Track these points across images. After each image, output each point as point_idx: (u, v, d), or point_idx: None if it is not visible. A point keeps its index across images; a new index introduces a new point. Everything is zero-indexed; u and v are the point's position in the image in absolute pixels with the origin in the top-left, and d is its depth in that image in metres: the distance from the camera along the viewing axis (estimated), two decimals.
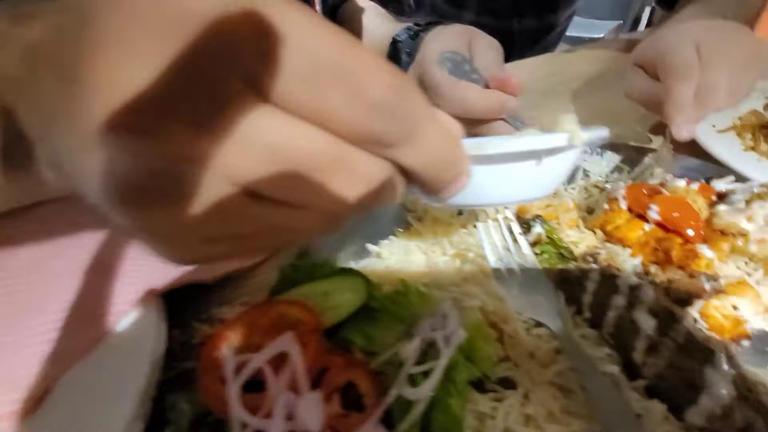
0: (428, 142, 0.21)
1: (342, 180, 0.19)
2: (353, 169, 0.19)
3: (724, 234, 0.43)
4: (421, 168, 0.22)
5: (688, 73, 0.57)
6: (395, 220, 0.56)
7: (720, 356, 0.31)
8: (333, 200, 0.20)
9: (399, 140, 0.20)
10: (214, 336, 0.37)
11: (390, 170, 0.21)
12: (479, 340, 0.37)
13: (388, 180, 0.21)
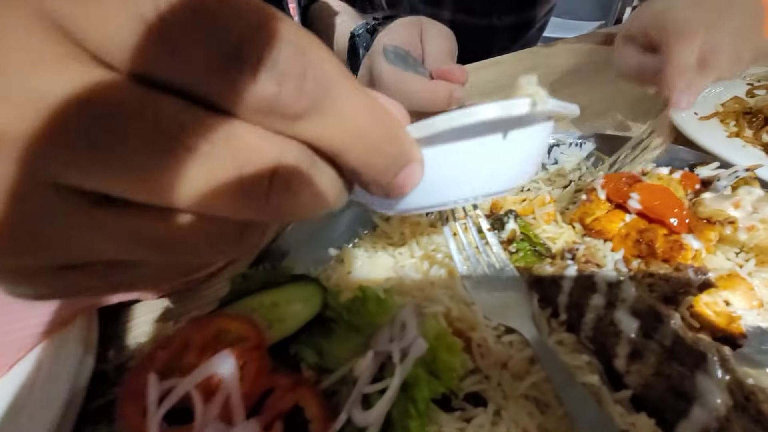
0: (346, 111, 0.17)
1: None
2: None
3: (711, 223, 0.40)
4: (347, 147, 0.17)
5: (691, 31, 0.51)
6: (360, 222, 0.51)
7: (712, 360, 0.27)
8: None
9: (303, 108, 0.15)
10: (140, 358, 0.33)
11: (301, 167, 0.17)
12: (443, 351, 0.32)
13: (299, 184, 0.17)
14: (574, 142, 0.62)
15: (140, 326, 0.43)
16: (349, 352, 0.36)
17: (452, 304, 0.35)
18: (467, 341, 0.34)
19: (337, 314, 0.38)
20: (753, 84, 0.79)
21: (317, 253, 0.48)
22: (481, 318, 0.35)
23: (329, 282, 0.43)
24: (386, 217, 0.52)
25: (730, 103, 0.73)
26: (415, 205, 0.25)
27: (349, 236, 0.50)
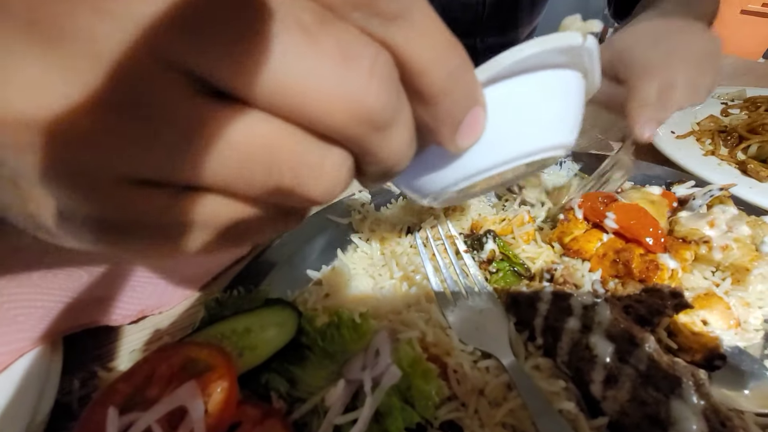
0: (431, 29, 0.16)
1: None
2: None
3: (686, 242, 0.40)
4: (429, 67, 0.16)
5: (649, 71, 0.55)
6: (339, 243, 0.51)
7: (687, 385, 0.27)
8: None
9: (397, 10, 0.15)
10: (100, 392, 0.31)
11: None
12: (418, 378, 0.31)
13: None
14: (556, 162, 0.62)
15: (108, 354, 0.41)
16: (322, 380, 0.35)
17: (428, 329, 0.35)
18: (443, 367, 0.33)
19: (311, 340, 0.37)
20: (727, 103, 0.81)
21: (295, 276, 0.47)
22: (457, 342, 0.34)
23: (306, 306, 0.42)
24: (366, 238, 0.51)
25: (705, 122, 0.75)
26: (468, 171, 0.24)
27: (328, 258, 0.50)
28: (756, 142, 0.65)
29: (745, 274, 0.39)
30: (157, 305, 0.45)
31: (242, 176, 0.15)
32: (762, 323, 0.38)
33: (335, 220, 0.53)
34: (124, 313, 0.43)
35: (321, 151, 0.16)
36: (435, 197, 0.27)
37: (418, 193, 0.27)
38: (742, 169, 0.60)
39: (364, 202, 0.56)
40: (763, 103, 0.76)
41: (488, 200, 0.56)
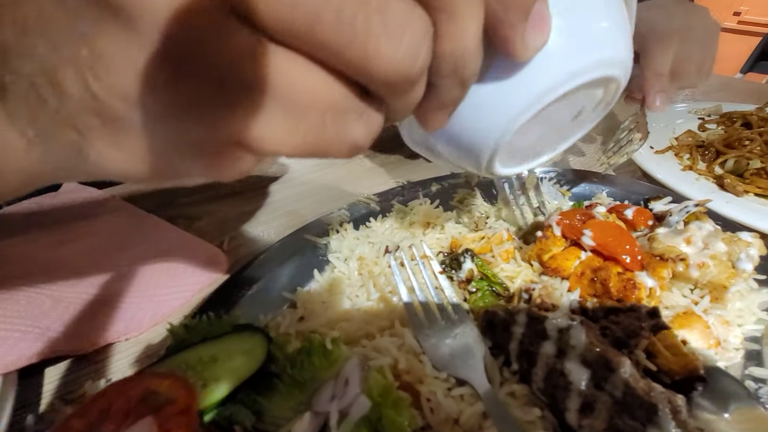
0: None
1: None
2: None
3: (663, 260, 0.39)
4: None
5: (666, 41, 0.58)
6: (316, 263, 0.49)
7: (664, 412, 0.26)
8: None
9: None
10: (53, 428, 0.29)
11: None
12: (389, 408, 0.30)
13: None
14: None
15: (66, 387, 0.39)
16: (290, 411, 0.33)
17: (400, 355, 0.33)
18: (416, 396, 0.32)
19: (281, 367, 0.35)
20: (704, 118, 0.82)
21: (269, 299, 0.45)
22: (431, 369, 0.33)
23: (278, 330, 0.41)
24: (344, 258, 0.50)
25: (684, 137, 0.76)
26: (533, 92, 0.22)
27: (305, 279, 0.48)
28: (732, 156, 0.65)
29: (723, 292, 0.39)
30: (124, 332, 0.43)
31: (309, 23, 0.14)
32: (742, 342, 0.38)
33: (313, 240, 0.52)
34: (89, 341, 0.41)
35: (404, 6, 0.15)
36: (494, 147, 0.25)
37: (478, 146, 0.26)
38: (719, 183, 0.61)
39: (343, 221, 0.55)
40: (738, 118, 0.77)
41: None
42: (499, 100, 0.23)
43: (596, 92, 0.27)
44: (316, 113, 0.17)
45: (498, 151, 0.26)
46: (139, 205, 0.64)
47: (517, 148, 0.29)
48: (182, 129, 0.16)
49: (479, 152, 0.26)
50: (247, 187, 0.71)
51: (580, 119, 0.31)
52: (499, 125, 0.24)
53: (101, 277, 0.48)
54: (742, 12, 3.28)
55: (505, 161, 0.29)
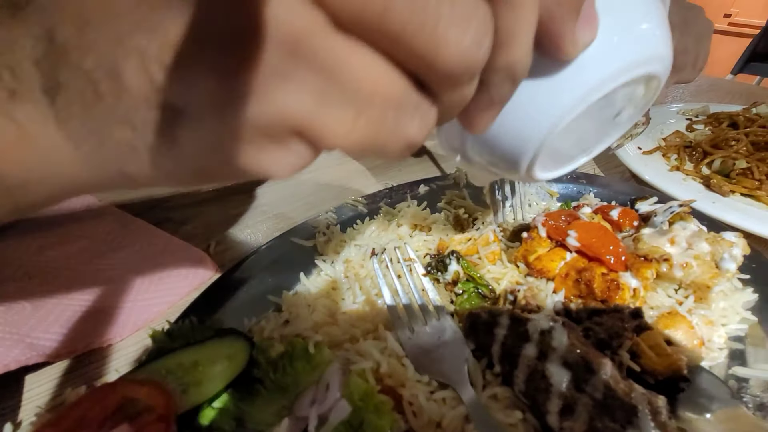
0: None
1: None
2: None
3: (647, 260, 0.39)
4: None
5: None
6: (302, 266, 0.49)
7: (644, 414, 0.26)
8: None
9: None
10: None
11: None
12: (370, 412, 0.30)
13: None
14: None
15: (46, 394, 0.38)
16: (272, 416, 0.33)
17: (383, 359, 0.33)
18: (398, 399, 0.31)
19: (263, 372, 0.35)
20: (691, 119, 0.83)
21: (254, 303, 0.45)
22: (413, 373, 0.32)
23: (262, 334, 0.40)
24: (330, 260, 0.50)
25: (671, 138, 0.77)
26: (579, 88, 0.22)
27: (291, 282, 0.48)
28: (719, 156, 0.66)
29: (707, 292, 0.39)
30: (106, 337, 0.43)
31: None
32: (725, 341, 0.38)
33: (299, 243, 0.51)
34: (69, 347, 0.41)
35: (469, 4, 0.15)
36: (537, 149, 0.25)
37: (519, 148, 0.25)
38: (706, 183, 0.61)
39: (330, 223, 0.55)
40: (725, 119, 0.78)
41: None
42: (543, 99, 0.23)
43: (637, 90, 0.27)
44: (378, 106, 0.16)
45: (540, 154, 0.26)
46: (125, 209, 0.63)
47: (558, 151, 0.28)
48: (242, 116, 0.16)
49: (520, 155, 0.26)
50: (234, 190, 0.71)
51: (619, 119, 0.30)
52: (543, 126, 0.24)
53: (83, 283, 0.47)
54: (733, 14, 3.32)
55: (545, 165, 0.29)
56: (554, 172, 0.31)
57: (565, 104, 0.23)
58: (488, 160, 0.28)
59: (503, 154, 0.26)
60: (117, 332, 0.43)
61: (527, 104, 0.23)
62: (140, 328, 0.44)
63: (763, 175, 0.60)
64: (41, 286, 0.46)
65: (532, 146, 0.25)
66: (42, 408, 0.37)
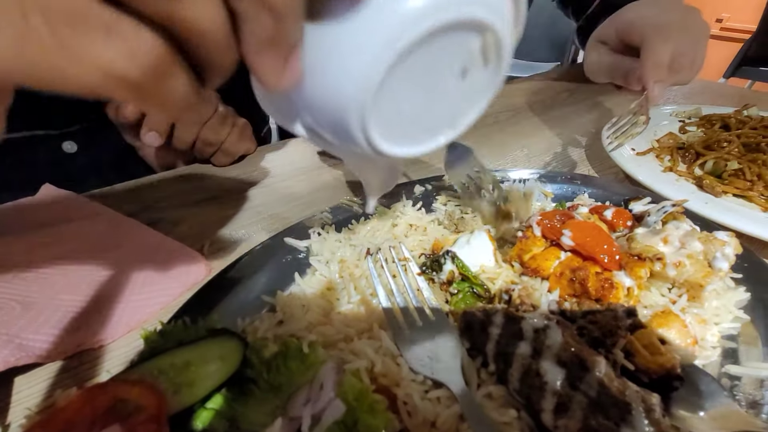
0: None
1: None
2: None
3: (641, 259, 0.40)
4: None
5: (665, 34, 0.63)
6: (296, 266, 0.49)
7: (638, 411, 0.26)
8: None
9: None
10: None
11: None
12: (364, 412, 0.30)
13: None
14: (519, 179, 0.62)
15: (36, 396, 0.38)
16: (266, 416, 0.32)
17: (377, 358, 0.33)
18: (392, 399, 0.31)
19: (256, 372, 0.34)
20: (684, 121, 0.84)
21: (248, 303, 0.45)
22: (407, 372, 0.32)
23: (256, 335, 0.40)
24: (325, 260, 0.50)
25: (665, 139, 0.77)
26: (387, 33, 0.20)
27: (285, 282, 0.48)
28: (711, 158, 0.66)
29: (700, 291, 0.39)
30: (98, 338, 0.42)
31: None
32: (719, 340, 0.38)
33: (293, 244, 0.51)
34: (60, 348, 0.40)
35: None
36: (360, 107, 0.22)
37: (341, 107, 0.22)
38: (698, 184, 0.61)
39: (325, 223, 0.54)
40: (717, 121, 0.79)
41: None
42: (350, 44, 0.20)
43: (472, 44, 0.24)
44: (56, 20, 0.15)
45: (366, 114, 0.22)
46: (119, 210, 0.63)
47: (398, 117, 0.25)
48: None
49: (346, 116, 0.22)
50: (229, 191, 0.70)
51: (469, 86, 0.26)
52: (355, 78, 0.21)
53: (75, 283, 0.46)
54: (725, 19, 3.36)
55: (387, 134, 0.25)
56: (410, 148, 0.27)
57: (374, 47, 0.20)
58: (319, 128, 0.25)
59: (329, 119, 0.24)
60: (108, 333, 0.43)
61: (332, 54, 0.21)
62: (132, 329, 0.44)
63: (754, 175, 0.60)
64: (31, 287, 0.45)
65: (353, 105, 0.22)
66: (32, 410, 0.37)
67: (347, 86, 0.21)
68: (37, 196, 0.65)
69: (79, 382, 0.39)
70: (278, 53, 0.19)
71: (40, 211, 0.61)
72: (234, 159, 0.78)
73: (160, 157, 0.74)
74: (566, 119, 0.93)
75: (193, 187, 0.72)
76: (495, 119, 0.94)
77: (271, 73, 0.20)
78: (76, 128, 0.78)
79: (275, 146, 0.88)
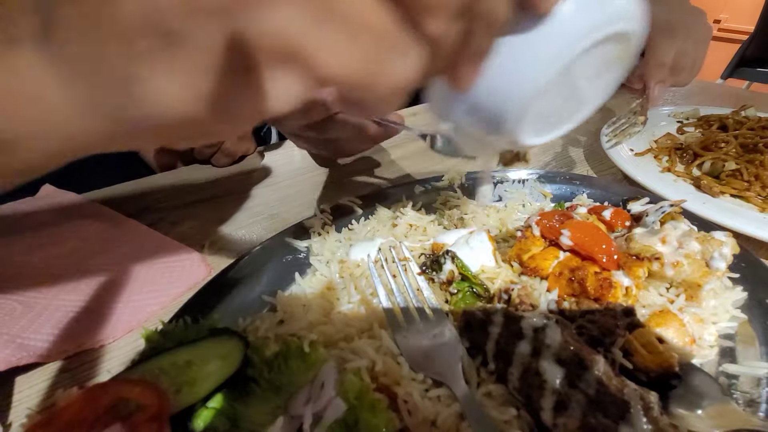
0: None
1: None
2: None
3: (639, 259, 0.40)
4: None
5: (670, 33, 0.65)
6: (296, 266, 0.49)
7: (636, 409, 0.26)
8: None
9: None
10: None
11: None
12: (365, 411, 0.30)
13: None
14: (518, 180, 0.63)
15: (36, 396, 0.38)
16: (267, 416, 0.33)
17: (378, 357, 0.33)
18: (393, 398, 0.31)
19: (257, 372, 0.34)
20: (682, 122, 0.84)
21: (249, 303, 0.45)
22: (407, 371, 0.33)
23: (256, 334, 0.40)
24: (326, 261, 0.50)
25: (663, 140, 0.78)
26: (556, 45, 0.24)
27: (286, 282, 0.48)
28: (709, 158, 0.67)
29: (698, 290, 0.39)
30: (98, 338, 0.42)
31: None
32: (716, 339, 0.38)
33: (293, 244, 0.51)
34: (61, 348, 0.40)
35: None
36: (521, 108, 0.26)
37: (504, 108, 0.26)
38: (696, 184, 0.62)
39: (325, 223, 0.55)
40: (715, 122, 0.79)
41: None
42: (524, 56, 0.25)
43: (614, 50, 0.28)
44: (370, 37, 0.17)
45: (525, 114, 0.27)
46: (119, 210, 0.63)
47: (542, 113, 0.29)
48: (240, 35, 0.16)
49: (506, 115, 0.27)
50: (228, 191, 0.70)
51: (599, 82, 0.31)
52: (525, 83, 0.25)
53: (75, 283, 0.47)
54: (722, 20, 3.38)
55: (531, 128, 0.29)
56: (542, 137, 0.32)
57: (543, 61, 0.24)
58: (475, 124, 0.29)
59: (489, 115, 0.27)
60: (109, 333, 0.43)
61: (509, 61, 0.24)
62: (133, 328, 0.44)
63: (751, 176, 0.61)
64: (32, 287, 0.45)
65: (517, 104, 0.26)
66: (32, 409, 0.37)
67: (517, 92, 0.26)
68: (37, 196, 0.65)
69: (80, 382, 0.39)
70: (476, 65, 0.22)
71: (39, 212, 0.61)
72: (234, 159, 0.79)
73: (159, 156, 0.74)
74: None
75: (193, 187, 0.72)
76: None
77: (465, 78, 0.22)
78: None
79: (275, 146, 0.88)
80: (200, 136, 0.22)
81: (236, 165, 0.80)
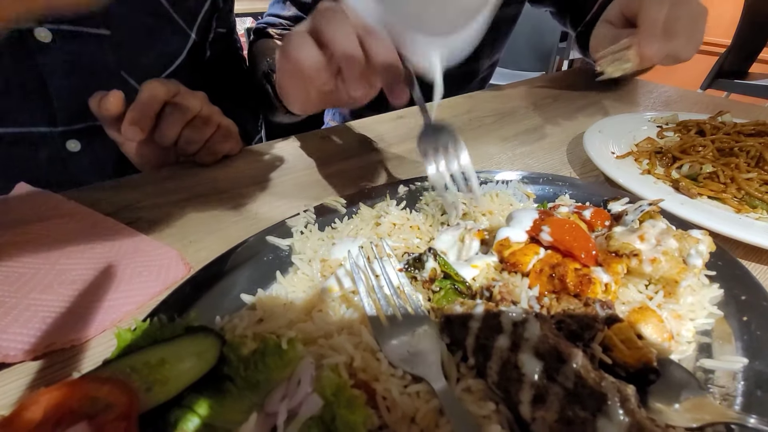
0: None
1: None
2: None
3: (618, 256, 0.40)
4: None
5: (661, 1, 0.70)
6: (277, 264, 0.48)
7: (614, 401, 0.26)
8: None
9: None
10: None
11: None
12: (342, 407, 0.29)
13: None
14: (502, 180, 0.63)
15: (2, 397, 0.36)
16: (242, 414, 0.32)
17: (356, 353, 0.33)
18: (371, 394, 0.31)
19: (233, 370, 0.34)
20: (662, 126, 0.86)
21: (227, 301, 0.44)
22: (386, 367, 0.32)
23: (234, 332, 0.39)
24: (308, 259, 0.49)
25: (643, 144, 0.79)
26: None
27: (267, 281, 0.47)
28: (687, 161, 0.68)
29: (675, 287, 0.40)
30: (69, 338, 0.41)
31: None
32: (694, 335, 0.39)
33: (275, 243, 0.50)
34: (29, 348, 0.39)
35: None
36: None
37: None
38: (675, 186, 0.63)
39: (308, 222, 0.54)
40: (693, 127, 0.81)
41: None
42: None
43: None
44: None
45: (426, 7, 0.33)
46: (98, 209, 0.61)
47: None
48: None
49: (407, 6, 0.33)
50: (211, 190, 0.69)
51: None
52: None
53: (47, 282, 0.45)
54: None
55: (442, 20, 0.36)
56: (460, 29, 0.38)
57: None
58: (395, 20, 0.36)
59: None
60: (81, 333, 0.41)
61: None
62: (107, 328, 0.43)
63: (727, 178, 0.62)
64: (1, 286, 0.44)
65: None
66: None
67: None
68: (11, 194, 0.63)
69: (50, 383, 0.38)
70: None
71: (13, 210, 0.59)
72: (218, 158, 0.78)
73: (141, 153, 0.73)
74: (549, 124, 0.95)
75: (175, 185, 0.71)
76: (480, 123, 0.96)
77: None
78: (81, 126, 0.77)
79: (259, 146, 0.88)
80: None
81: (219, 164, 0.78)
